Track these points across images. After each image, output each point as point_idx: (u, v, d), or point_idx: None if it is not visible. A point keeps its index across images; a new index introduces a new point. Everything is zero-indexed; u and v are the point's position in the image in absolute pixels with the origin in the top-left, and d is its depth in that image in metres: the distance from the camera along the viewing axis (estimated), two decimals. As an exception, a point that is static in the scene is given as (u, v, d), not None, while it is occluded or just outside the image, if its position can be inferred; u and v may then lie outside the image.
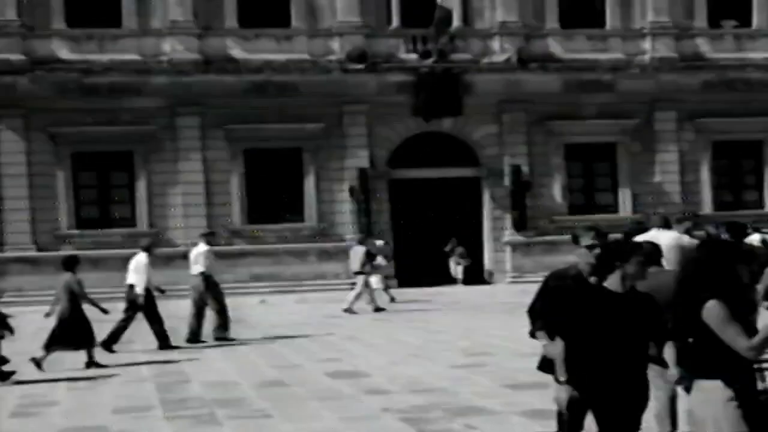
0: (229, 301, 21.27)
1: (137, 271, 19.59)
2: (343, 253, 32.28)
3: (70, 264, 17.68)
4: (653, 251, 8.78)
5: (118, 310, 19.17)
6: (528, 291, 28.73)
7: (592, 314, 6.86)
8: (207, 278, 20.54)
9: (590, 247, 7.94)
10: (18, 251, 31.99)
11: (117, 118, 33.27)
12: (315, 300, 29.39)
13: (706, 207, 36.04)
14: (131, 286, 19.61)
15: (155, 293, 19.61)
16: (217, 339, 20.22)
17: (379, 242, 28.04)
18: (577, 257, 8.08)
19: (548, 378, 12.51)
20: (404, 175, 35.02)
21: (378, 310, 25.66)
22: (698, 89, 36.42)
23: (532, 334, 8.29)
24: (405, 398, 13.11)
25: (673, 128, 36.47)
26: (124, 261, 30.28)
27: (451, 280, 34.51)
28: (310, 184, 34.38)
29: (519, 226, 35.13)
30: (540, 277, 29.30)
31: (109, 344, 18.82)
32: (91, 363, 17.08)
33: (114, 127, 33.16)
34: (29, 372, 16.01)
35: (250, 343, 19.78)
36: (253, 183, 34.08)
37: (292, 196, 34.29)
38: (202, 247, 20.93)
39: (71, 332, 16.92)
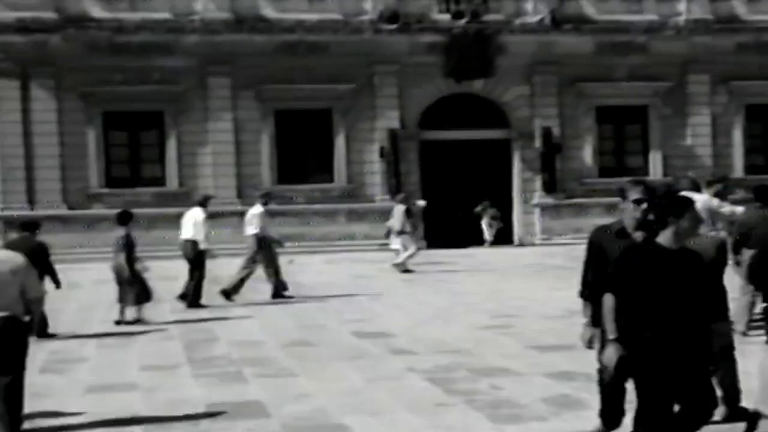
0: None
1: (196, 226, 19.68)
2: (372, 214, 32.31)
3: (124, 219, 17.78)
4: None
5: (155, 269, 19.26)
6: (556, 253, 28.87)
7: (645, 270, 6.75)
8: (260, 240, 20.62)
9: (638, 202, 7.72)
10: (48, 209, 32.14)
11: (148, 77, 33.32)
12: (343, 260, 29.43)
13: (738, 171, 35.84)
14: (187, 241, 19.74)
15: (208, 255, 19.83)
16: (274, 297, 20.27)
17: (421, 202, 28.00)
18: (622, 212, 7.87)
19: (574, 340, 12.55)
20: (434, 137, 34.95)
21: (406, 271, 25.68)
22: (733, 51, 36.10)
23: (582, 296, 8.11)
24: (430, 358, 13.16)
25: (706, 91, 36.22)
26: (154, 220, 30.88)
27: (479, 242, 34.47)
28: (340, 144, 34.37)
29: (549, 188, 35.04)
30: (568, 240, 29.33)
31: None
32: (138, 320, 17.29)
33: (145, 87, 33.22)
34: (59, 328, 16.14)
35: (277, 302, 19.87)
36: (284, 143, 34.10)
37: (322, 157, 34.31)
38: (257, 208, 20.97)
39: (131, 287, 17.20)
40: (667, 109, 36.02)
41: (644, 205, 7.53)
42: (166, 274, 20.97)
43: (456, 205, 34.09)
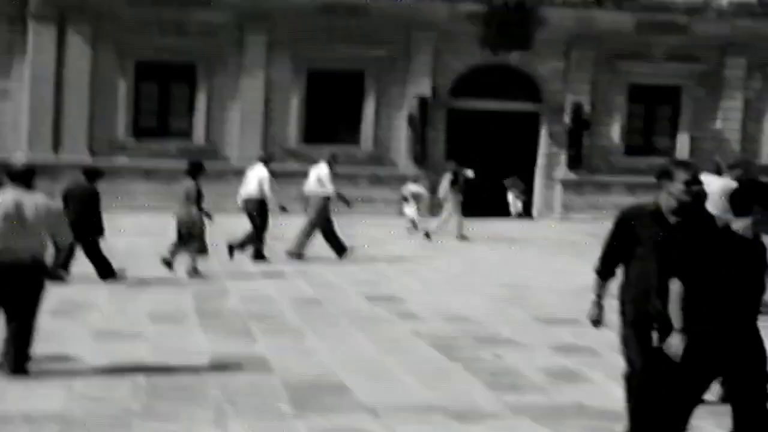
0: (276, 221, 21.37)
1: (262, 183, 19.83)
2: (395, 179, 32.27)
3: (194, 170, 17.91)
4: None
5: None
6: (574, 229, 28.74)
7: (718, 257, 6.56)
8: (327, 200, 20.95)
9: (689, 183, 7.36)
10: (73, 157, 32.25)
11: (184, 30, 33.27)
12: (362, 224, 29.42)
13: (765, 157, 35.61)
14: (249, 199, 19.90)
15: (278, 210, 20.12)
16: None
17: (469, 172, 28.02)
18: (668, 193, 7.40)
19: (580, 315, 12.62)
20: (464, 106, 34.79)
21: (427, 236, 25.79)
22: (774, 36, 35.76)
23: (598, 272, 7.79)
24: (437, 325, 13.27)
25: (742, 75, 35.93)
26: (178, 173, 30.85)
27: (504, 214, 34.39)
28: (369, 108, 34.27)
29: (573, 164, 34.89)
30: (588, 217, 29.18)
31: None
32: (195, 271, 17.41)
33: (180, 39, 33.19)
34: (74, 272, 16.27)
35: (291, 262, 19.88)
36: (313, 104, 34.04)
37: (350, 120, 34.21)
38: (324, 168, 21.16)
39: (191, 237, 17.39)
40: (701, 92, 35.78)
41: (696, 188, 7.36)
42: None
43: (481, 175, 33.90)
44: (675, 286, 6.67)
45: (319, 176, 21.00)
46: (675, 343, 6.65)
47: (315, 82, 33.91)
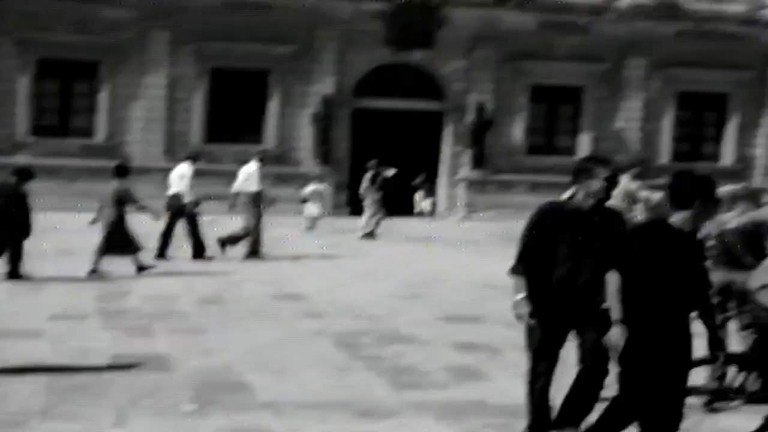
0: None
1: (183, 179, 19.95)
2: (298, 179, 32.19)
3: (121, 171, 17.84)
4: None
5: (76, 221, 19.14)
6: (478, 228, 28.90)
7: (657, 250, 6.53)
8: (256, 197, 20.88)
9: (609, 180, 7.34)
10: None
11: (87, 27, 32.82)
12: (266, 223, 29.32)
13: (664, 156, 36.23)
14: (174, 196, 19.99)
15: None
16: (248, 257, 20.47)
17: (391, 171, 28.17)
18: (587, 189, 7.36)
19: (483, 313, 12.79)
20: (368, 105, 34.86)
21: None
22: (671, 38, 36.35)
23: (515, 271, 7.59)
24: (340, 323, 13.30)
25: (641, 76, 36.47)
26: (80, 171, 30.70)
27: (408, 213, 34.49)
28: (273, 107, 34.15)
29: (477, 163, 35.16)
30: (491, 216, 29.27)
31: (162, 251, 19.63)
32: (141, 267, 17.39)
33: (83, 36, 32.77)
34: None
35: (196, 261, 19.79)
36: (217, 102, 33.81)
37: (254, 119, 34.07)
38: (253, 166, 21.15)
39: (118, 239, 17.21)
40: (602, 92, 36.24)
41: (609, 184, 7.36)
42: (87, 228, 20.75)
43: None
44: (613, 279, 6.66)
45: (248, 174, 21.01)
46: (615, 335, 6.63)
47: (219, 80, 33.76)
